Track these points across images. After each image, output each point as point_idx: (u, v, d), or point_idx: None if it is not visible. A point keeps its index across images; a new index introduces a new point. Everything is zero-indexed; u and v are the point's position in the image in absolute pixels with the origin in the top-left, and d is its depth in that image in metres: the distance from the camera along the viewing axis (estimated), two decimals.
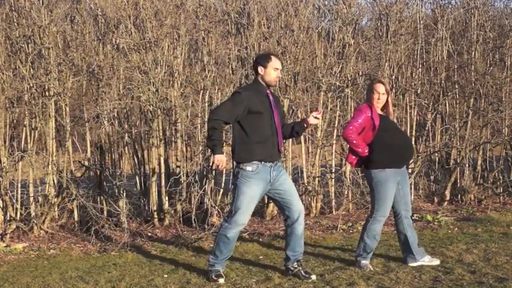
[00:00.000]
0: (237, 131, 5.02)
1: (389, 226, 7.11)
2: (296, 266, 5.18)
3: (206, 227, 6.89)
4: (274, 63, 5.03)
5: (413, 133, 8.30)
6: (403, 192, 5.38)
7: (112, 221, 7.14)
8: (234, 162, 5.12)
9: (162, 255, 6.09)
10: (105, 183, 7.48)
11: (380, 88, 5.25)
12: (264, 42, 7.66)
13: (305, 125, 5.19)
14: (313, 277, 5.09)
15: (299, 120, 5.23)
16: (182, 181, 7.18)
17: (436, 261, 5.44)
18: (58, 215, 7.07)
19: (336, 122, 7.89)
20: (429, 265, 5.38)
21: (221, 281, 5.07)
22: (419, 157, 8.08)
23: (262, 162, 4.98)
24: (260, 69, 5.06)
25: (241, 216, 5.02)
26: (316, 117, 5.10)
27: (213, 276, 5.10)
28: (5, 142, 6.74)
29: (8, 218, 6.71)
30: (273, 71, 5.02)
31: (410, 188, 8.28)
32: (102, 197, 7.35)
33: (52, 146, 6.98)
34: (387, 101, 5.30)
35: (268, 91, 5.08)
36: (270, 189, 5.09)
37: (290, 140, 7.64)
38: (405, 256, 5.48)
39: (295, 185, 7.74)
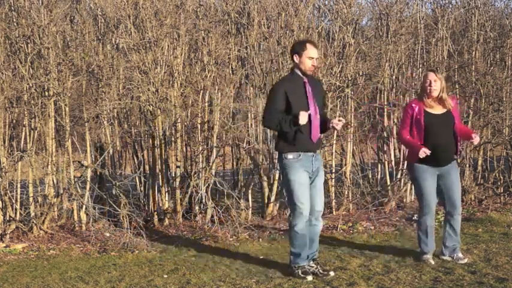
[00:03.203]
0: None
1: (389, 226, 7.10)
2: (313, 265, 5.20)
3: (206, 227, 6.89)
4: (310, 51, 4.98)
5: None
6: (445, 188, 5.42)
7: (112, 221, 7.13)
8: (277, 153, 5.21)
9: (162, 255, 6.09)
10: (105, 183, 7.47)
11: (431, 75, 5.29)
12: (264, 42, 7.65)
13: (330, 126, 5.15)
14: (332, 273, 5.12)
15: (329, 119, 5.19)
16: (182, 181, 7.18)
17: (464, 260, 5.44)
18: (58, 215, 7.06)
19: None
20: (460, 263, 5.40)
21: (309, 278, 5.05)
22: None
23: (301, 153, 5.00)
24: (295, 57, 5.05)
25: (299, 204, 4.99)
26: (336, 125, 5.07)
27: (300, 273, 5.10)
28: (4, 142, 6.72)
29: (8, 218, 6.70)
30: (307, 60, 4.99)
31: (411, 188, 8.27)
32: (102, 197, 7.34)
33: (52, 146, 6.97)
34: (442, 90, 5.31)
35: (306, 80, 5.02)
36: (311, 181, 5.12)
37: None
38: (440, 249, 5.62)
39: None
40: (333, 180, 7.81)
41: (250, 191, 7.48)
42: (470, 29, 8.52)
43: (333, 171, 7.86)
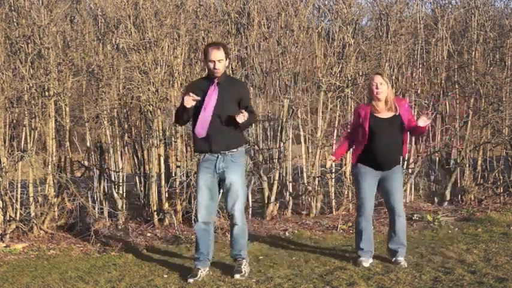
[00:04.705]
0: None
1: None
2: (234, 264, 5.37)
3: None
4: (209, 55, 5.09)
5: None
6: (384, 192, 5.49)
7: (112, 221, 7.14)
8: None
9: (162, 255, 6.09)
10: (105, 183, 7.48)
11: (377, 78, 5.32)
12: (264, 42, 7.66)
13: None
14: (236, 276, 5.21)
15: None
16: (182, 181, 7.18)
17: (404, 265, 5.41)
18: (58, 215, 7.06)
19: (336, 122, 7.88)
20: (400, 266, 5.41)
21: (190, 280, 5.18)
22: (419, 157, 8.08)
23: (206, 154, 5.15)
24: (203, 62, 5.31)
25: (197, 207, 5.21)
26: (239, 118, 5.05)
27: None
28: (5, 142, 6.72)
29: (8, 218, 6.70)
30: (209, 63, 5.10)
31: (410, 188, 8.29)
32: (102, 197, 7.35)
33: (52, 146, 6.97)
34: (388, 94, 5.33)
35: (215, 82, 5.10)
36: (219, 181, 5.21)
37: (290, 139, 7.65)
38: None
39: (294, 185, 7.81)
40: (333, 180, 7.82)
41: (250, 191, 7.48)
42: (470, 29, 8.52)
43: (333, 171, 7.87)
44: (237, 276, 5.21)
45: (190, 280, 5.14)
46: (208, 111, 5.07)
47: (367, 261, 5.47)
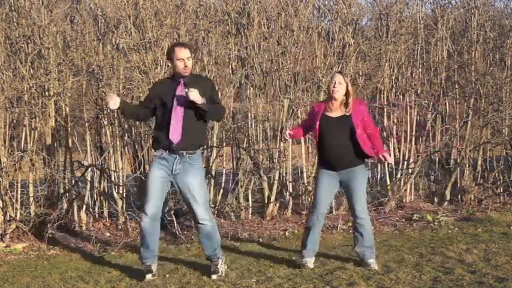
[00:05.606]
0: None
1: (389, 226, 7.12)
2: (210, 264, 5.34)
3: None
4: (178, 53, 5.09)
5: (414, 133, 8.29)
6: (346, 195, 5.49)
7: (112, 221, 7.13)
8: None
9: (162, 255, 6.07)
10: (105, 183, 7.48)
11: (337, 77, 5.31)
12: (264, 42, 7.65)
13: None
14: (213, 276, 5.20)
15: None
16: None
17: (375, 266, 5.38)
18: (58, 215, 7.06)
19: None
20: (370, 268, 5.37)
21: (148, 277, 5.20)
22: (419, 157, 8.08)
23: (164, 152, 5.11)
24: (170, 63, 5.30)
25: (146, 202, 5.15)
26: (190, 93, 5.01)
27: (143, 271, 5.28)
28: (5, 142, 6.72)
29: (8, 218, 6.70)
30: (178, 62, 5.09)
31: (410, 188, 8.29)
32: (102, 197, 7.35)
33: (52, 146, 6.97)
34: (348, 92, 5.32)
35: (182, 82, 5.09)
36: (176, 183, 5.18)
37: (290, 140, 7.64)
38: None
39: (294, 185, 7.81)
40: None
41: (250, 191, 7.48)
42: (470, 29, 8.52)
43: None
44: (214, 276, 5.19)
45: (149, 275, 5.17)
46: (179, 114, 5.05)
47: (311, 262, 5.48)
